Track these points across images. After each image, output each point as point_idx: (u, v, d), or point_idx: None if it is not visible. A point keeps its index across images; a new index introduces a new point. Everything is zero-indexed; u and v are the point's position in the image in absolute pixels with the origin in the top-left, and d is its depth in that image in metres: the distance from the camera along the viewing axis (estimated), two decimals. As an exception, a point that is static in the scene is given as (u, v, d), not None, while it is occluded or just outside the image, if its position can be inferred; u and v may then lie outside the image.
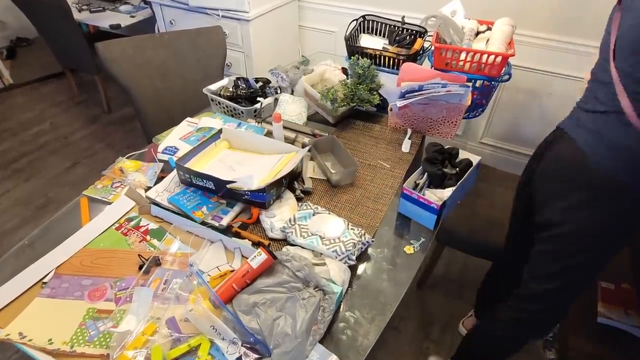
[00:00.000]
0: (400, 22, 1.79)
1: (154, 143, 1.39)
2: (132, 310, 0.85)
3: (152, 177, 1.23)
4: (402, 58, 1.55)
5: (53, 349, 0.81)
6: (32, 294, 0.92)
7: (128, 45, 1.71)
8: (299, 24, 2.70)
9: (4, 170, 2.55)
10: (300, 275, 0.88)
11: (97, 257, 1.01)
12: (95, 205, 1.17)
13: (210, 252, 1.01)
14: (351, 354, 0.83)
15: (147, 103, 1.75)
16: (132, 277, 0.95)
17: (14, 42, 3.92)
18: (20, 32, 3.92)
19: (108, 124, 3.01)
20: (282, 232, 1.05)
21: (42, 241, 1.06)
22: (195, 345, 0.81)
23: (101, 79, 2.93)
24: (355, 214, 1.15)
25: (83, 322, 0.86)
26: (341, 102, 1.45)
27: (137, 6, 2.89)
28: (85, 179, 1.24)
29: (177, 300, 0.88)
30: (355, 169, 1.24)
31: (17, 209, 2.27)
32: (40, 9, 2.59)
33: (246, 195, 1.08)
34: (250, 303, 0.84)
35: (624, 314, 1.47)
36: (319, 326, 0.82)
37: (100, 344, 0.82)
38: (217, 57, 1.90)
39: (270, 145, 1.27)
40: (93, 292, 0.92)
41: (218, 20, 2.28)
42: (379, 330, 0.88)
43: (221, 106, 1.54)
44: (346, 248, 0.99)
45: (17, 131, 2.89)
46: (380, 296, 0.95)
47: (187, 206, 1.10)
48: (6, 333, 0.83)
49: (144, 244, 1.04)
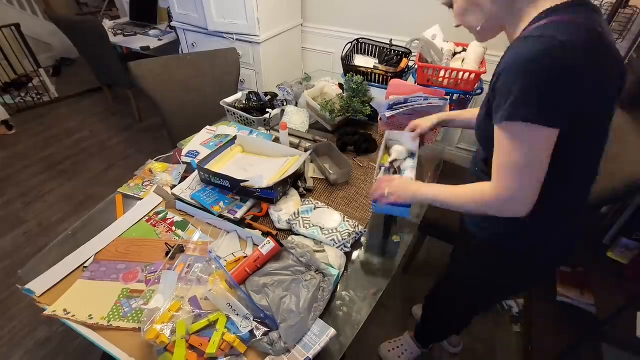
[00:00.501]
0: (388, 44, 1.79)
1: (178, 148, 1.39)
2: (160, 291, 0.85)
3: (177, 177, 1.23)
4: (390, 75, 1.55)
5: (93, 323, 0.81)
6: (74, 277, 0.92)
7: (156, 64, 1.71)
8: (302, 46, 2.69)
9: (50, 171, 2.54)
10: (303, 261, 0.88)
11: (130, 245, 1.01)
12: (129, 201, 1.17)
13: (226, 240, 1.01)
14: (347, 327, 0.84)
15: (173, 114, 1.75)
16: (160, 262, 0.95)
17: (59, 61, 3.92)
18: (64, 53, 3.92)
19: (139, 131, 3.01)
20: (288, 224, 1.05)
21: (83, 232, 1.06)
22: (214, 320, 0.81)
23: (133, 93, 2.92)
24: (350, 208, 1.15)
25: (118, 301, 0.86)
26: (338, 112, 1.45)
27: (164, 31, 2.89)
28: (120, 179, 1.23)
29: (199, 282, 0.89)
30: (350, 170, 1.24)
31: (61, 205, 2.27)
32: (81, 34, 2.58)
33: (257, 192, 1.08)
34: (260, 284, 0.84)
35: (579, 294, 1.47)
36: (319, 304, 0.82)
37: (133, 319, 0.82)
38: (232, 74, 1.90)
39: (278, 149, 1.27)
40: (127, 275, 0.92)
41: (233, 43, 2.27)
42: (370, 307, 0.88)
43: (236, 116, 1.54)
44: (342, 237, 0.99)
45: (61, 138, 2.89)
46: (372, 278, 0.96)
47: (207, 201, 1.10)
48: (53, 309, 0.84)
49: (170, 234, 1.04)
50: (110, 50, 2.58)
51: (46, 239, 2.03)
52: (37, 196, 2.33)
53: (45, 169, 2.56)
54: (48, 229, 2.11)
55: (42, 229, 2.10)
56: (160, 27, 2.95)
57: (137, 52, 2.73)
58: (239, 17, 2.17)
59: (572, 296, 1.47)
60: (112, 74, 2.79)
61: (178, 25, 2.48)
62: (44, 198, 2.32)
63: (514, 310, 1.69)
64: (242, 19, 2.17)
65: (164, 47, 2.75)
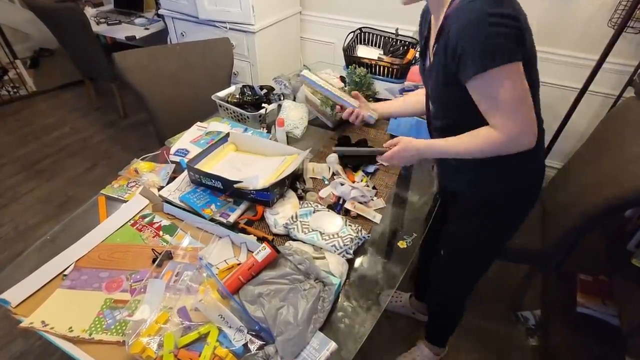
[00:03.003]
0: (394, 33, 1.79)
1: (166, 146, 1.39)
2: (146, 301, 0.85)
3: (165, 177, 1.23)
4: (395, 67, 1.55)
5: (73, 337, 0.81)
6: (53, 286, 0.92)
7: (142, 55, 1.71)
8: (300, 36, 2.70)
9: (27, 171, 2.54)
10: (301, 268, 0.88)
11: (113, 252, 1.01)
12: (112, 204, 1.16)
13: (218, 246, 1.01)
14: (349, 340, 0.83)
15: (160, 109, 1.75)
16: (146, 270, 0.95)
17: (37, 52, 3.91)
18: (43, 43, 3.92)
19: (124, 128, 3.01)
20: (285, 228, 1.05)
21: (63, 236, 1.06)
22: (204, 333, 0.81)
23: (117, 86, 2.92)
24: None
25: (101, 312, 0.86)
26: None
27: (150, 19, 2.89)
28: (103, 179, 1.23)
29: (188, 291, 0.88)
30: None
31: (40, 207, 2.27)
32: (61, 22, 2.59)
33: (252, 194, 1.08)
34: (255, 294, 0.84)
35: (601, 304, 1.47)
36: (319, 315, 0.82)
37: (117, 332, 0.82)
38: (225, 66, 1.90)
39: (274, 147, 1.27)
40: (110, 284, 0.92)
41: (226, 32, 2.27)
42: (374, 319, 0.88)
43: (229, 112, 1.54)
44: (344, 243, 0.99)
45: (39, 135, 2.89)
46: (376, 287, 0.95)
47: (197, 204, 1.10)
48: (30, 321, 0.83)
49: (157, 239, 1.04)
50: (92, 40, 2.58)
51: (23, 245, 2.02)
52: (13, 198, 2.33)
53: (22, 169, 2.56)
54: (25, 233, 2.10)
55: (18, 234, 2.10)
56: (146, 15, 2.96)
57: (122, 42, 2.73)
58: (232, 4, 2.18)
59: (593, 306, 1.46)
60: (94, 65, 2.79)
61: (166, 13, 2.48)
62: (21, 200, 2.32)
63: (530, 322, 1.69)
64: (236, 6, 2.17)
65: (151, 37, 2.75)
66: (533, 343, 1.62)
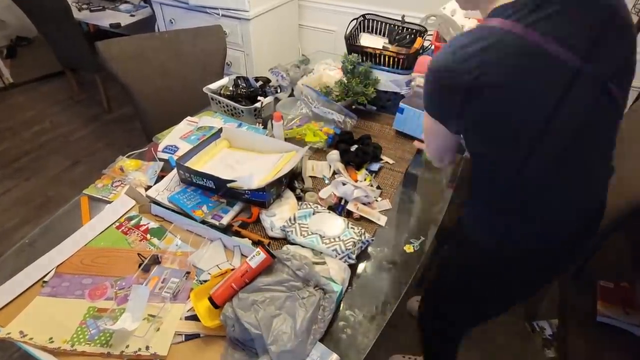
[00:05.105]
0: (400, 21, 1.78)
1: (154, 142, 1.39)
2: (129, 309, 0.85)
3: (153, 176, 1.23)
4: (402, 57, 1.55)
5: (54, 348, 0.81)
6: (32, 293, 0.92)
7: (128, 44, 1.70)
8: (299, 23, 2.69)
9: (4, 169, 2.54)
10: (300, 274, 0.88)
11: (97, 256, 1.01)
12: (96, 204, 1.16)
13: (210, 250, 1.01)
14: (351, 352, 0.83)
15: (147, 102, 1.75)
16: (132, 276, 0.95)
17: (14, 41, 3.91)
18: (21, 31, 3.91)
19: (108, 123, 3.01)
20: (282, 231, 1.05)
21: (42, 240, 1.06)
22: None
23: (101, 78, 2.92)
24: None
25: (83, 321, 0.86)
26: (336, 97, 1.45)
27: (137, 5, 2.89)
28: (86, 178, 1.23)
29: (174, 299, 0.88)
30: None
31: (18, 208, 2.27)
32: (40, 8, 2.58)
33: (246, 194, 1.08)
34: (249, 302, 0.84)
35: (623, 313, 1.47)
36: (319, 325, 0.82)
37: (101, 343, 0.82)
38: (217, 56, 1.90)
39: (271, 144, 1.27)
40: (93, 291, 0.92)
41: (218, 19, 2.27)
42: (379, 329, 0.88)
43: (221, 105, 1.54)
44: (346, 247, 0.99)
45: (17, 130, 2.89)
46: (381, 295, 0.95)
47: (188, 205, 1.10)
48: (7, 332, 0.84)
49: (144, 243, 1.04)
50: (74, 27, 2.57)
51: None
52: (-11, 198, 2.33)
53: (-2, 167, 2.56)
54: (1, 236, 2.10)
55: (-5, 237, 2.10)
56: (132, 1, 2.95)
57: (106, 29, 2.72)
58: (225, -11, 2.17)
59: (614, 315, 1.47)
60: (76, 55, 2.78)
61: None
62: (-3, 201, 2.32)
63: (547, 332, 1.69)
64: (229, -9, 2.17)
65: (137, 25, 2.75)
66: (550, 355, 1.62)
